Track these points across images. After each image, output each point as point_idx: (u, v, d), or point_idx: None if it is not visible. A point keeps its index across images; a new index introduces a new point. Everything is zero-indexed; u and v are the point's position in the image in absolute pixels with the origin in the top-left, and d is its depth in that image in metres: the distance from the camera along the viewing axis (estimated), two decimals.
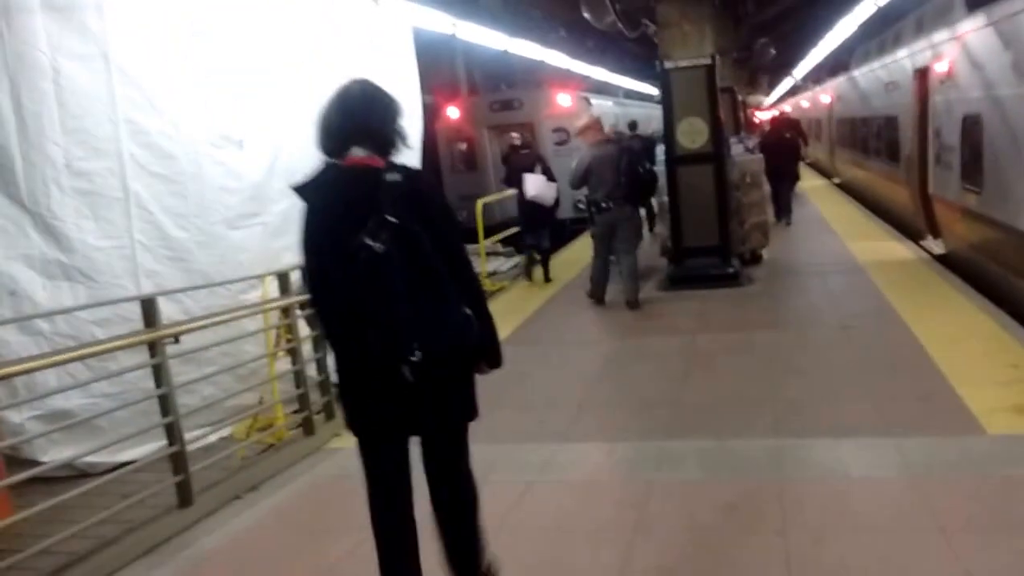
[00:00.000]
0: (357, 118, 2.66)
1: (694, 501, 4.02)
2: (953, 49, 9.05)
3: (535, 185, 9.60)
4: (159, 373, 4.10)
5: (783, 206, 13.48)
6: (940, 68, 9.57)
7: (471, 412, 2.82)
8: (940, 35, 9.71)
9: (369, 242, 2.46)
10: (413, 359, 2.52)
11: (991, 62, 7.77)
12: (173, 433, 4.14)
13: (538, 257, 10.22)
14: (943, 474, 4.01)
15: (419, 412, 2.68)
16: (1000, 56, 7.43)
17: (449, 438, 2.85)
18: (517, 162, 10.23)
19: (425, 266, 2.55)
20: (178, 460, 4.15)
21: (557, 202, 9.96)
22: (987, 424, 4.53)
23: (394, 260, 2.48)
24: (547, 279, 10.11)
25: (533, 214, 9.82)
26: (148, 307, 4.02)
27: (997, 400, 4.83)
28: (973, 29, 8.31)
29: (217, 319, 4.60)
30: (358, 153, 2.63)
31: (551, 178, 9.74)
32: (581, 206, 8.36)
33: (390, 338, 2.52)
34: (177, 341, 4.13)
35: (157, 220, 5.34)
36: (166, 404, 4.13)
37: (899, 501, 3.80)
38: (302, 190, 2.66)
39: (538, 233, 10.00)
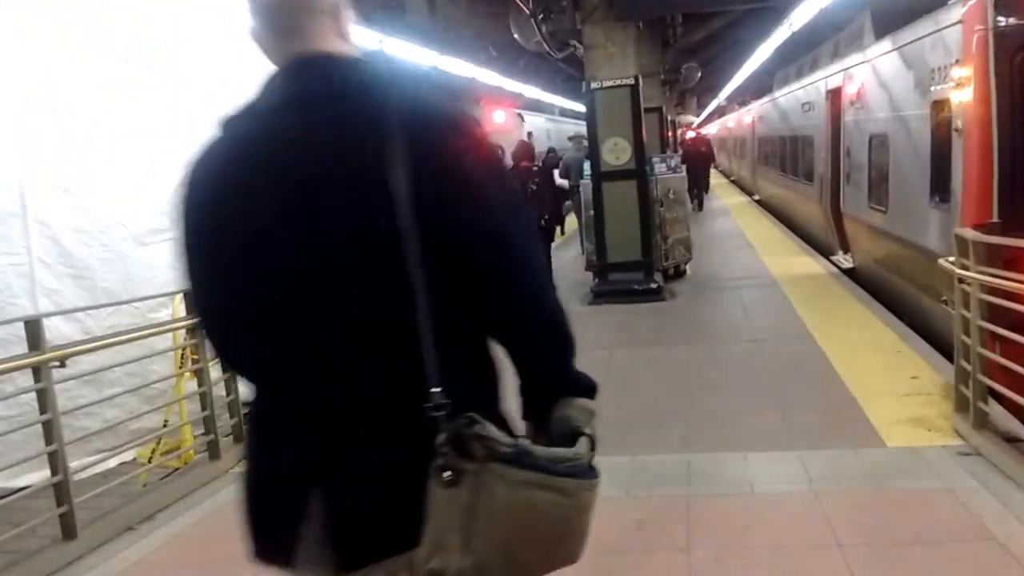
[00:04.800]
0: None
1: (604, 519, 4.00)
2: (863, 73, 9.43)
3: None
4: (43, 398, 3.92)
5: (698, 199, 19.14)
6: (851, 90, 9.96)
7: None
8: (852, 59, 10.11)
9: None
10: None
11: (896, 85, 8.12)
12: (56, 462, 3.94)
13: None
14: (843, 488, 4.11)
15: None
16: (904, 79, 7.77)
17: None
18: (550, 162, 13.69)
19: None
20: (61, 490, 3.94)
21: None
22: (886, 437, 4.68)
23: None
24: None
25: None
26: (33, 329, 3.84)
27: (896, 412, 5.01)
28: (881, 53, 8.68)
29: (109, 341, 4.43)
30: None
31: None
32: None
33: None
34: (63, 365, 3.95)
35: (58, 236, 5.16)
36: (50, 431, 3.94)
37: (800, 516, 3.87)
38: None
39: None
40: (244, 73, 6.73)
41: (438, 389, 1.33)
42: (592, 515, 1.47)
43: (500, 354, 1.52)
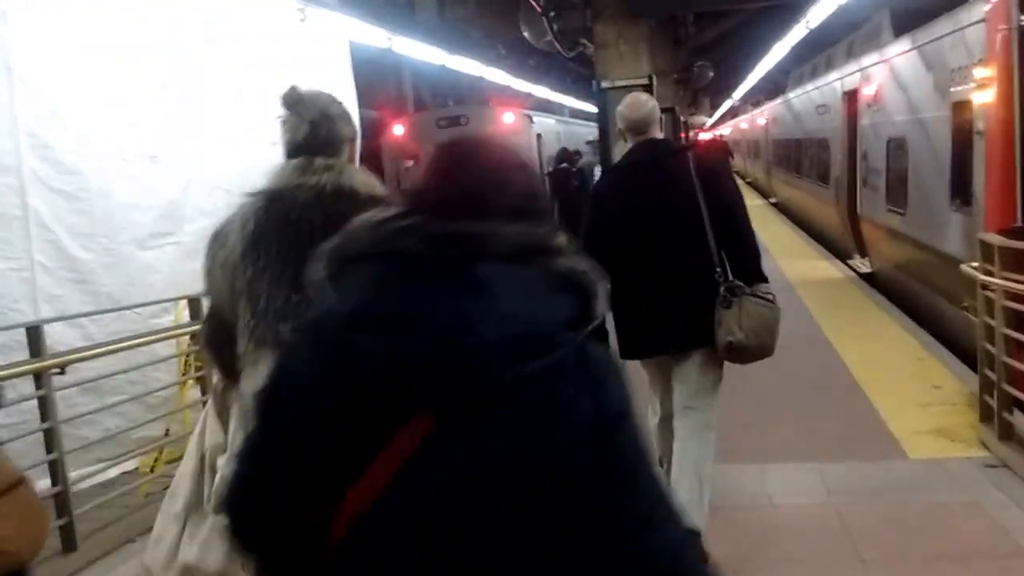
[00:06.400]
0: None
1: None
2: (880, 73, 9.25)
3: None
4: (44, 406, 3.82)
5: None
6: (867, 92, 9.78)
7: None
8: (869, 59, 9.91)
9: None
10: None
11: (915, 86, 7.94)
12: (57, 471, 3.84)
13: None
14: (864, 501, 4.00)
15: None
16: (923, 80, 7.60)
17: None
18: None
19: None
20: (61, 501, 3.84)
21: None
22: (908, 448, 4.55)
23: None
24: None
25: None
26: (33, 335, 3.74)
27: (918, 423, 4.87)
28: (899, 53, 8.49)
29: (110, 348, 4.33)
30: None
31: None
32: None
33: None
34: (63, 372, 3.85)
35: (59, 240, 5.04)
36: (50, 440, 3.84)
37: (821, 530, 3.77)
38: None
39: None
40: (239, 76, 6.57)
41: (719, 270, 3.29)
42: (779, 327, 3.34)
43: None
